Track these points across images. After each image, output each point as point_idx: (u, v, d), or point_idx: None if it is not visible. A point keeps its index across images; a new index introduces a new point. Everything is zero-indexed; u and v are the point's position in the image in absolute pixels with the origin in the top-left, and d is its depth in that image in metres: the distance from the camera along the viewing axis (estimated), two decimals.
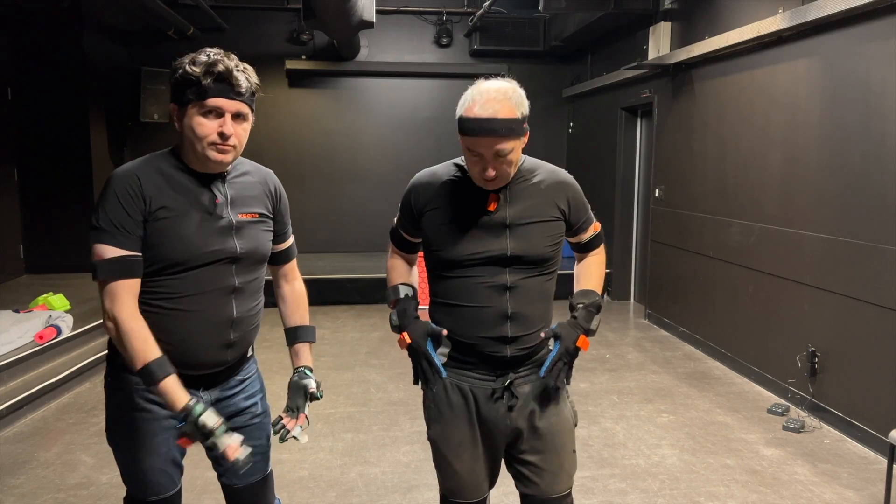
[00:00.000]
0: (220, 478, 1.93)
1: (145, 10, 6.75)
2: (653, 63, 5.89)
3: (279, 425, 1.90)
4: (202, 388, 1.79)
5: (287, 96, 8.60)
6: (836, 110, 3.90)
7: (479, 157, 1.71)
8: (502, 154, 1.70)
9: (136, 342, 1.60)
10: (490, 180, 1.74)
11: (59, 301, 5.37)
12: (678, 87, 5.85)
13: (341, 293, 7.20)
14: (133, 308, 1.62)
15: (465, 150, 1.76)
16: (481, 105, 1.68)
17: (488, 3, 7.04)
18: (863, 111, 3.69)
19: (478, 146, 1.70)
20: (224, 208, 1.74)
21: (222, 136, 1.64)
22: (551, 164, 1.95)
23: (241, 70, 1.67)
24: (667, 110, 6.11)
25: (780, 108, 4.41)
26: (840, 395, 3.90)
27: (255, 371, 1.94)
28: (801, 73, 4.21)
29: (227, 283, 1.74)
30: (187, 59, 1.65)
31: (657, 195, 6.34)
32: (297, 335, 2.01)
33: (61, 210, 7.27)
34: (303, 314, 2.03)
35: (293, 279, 2.04)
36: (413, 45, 8.70)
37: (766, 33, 4.34)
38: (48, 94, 7.23)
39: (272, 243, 1.89)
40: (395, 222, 2.01)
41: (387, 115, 8.81)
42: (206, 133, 1.64)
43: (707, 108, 5.39)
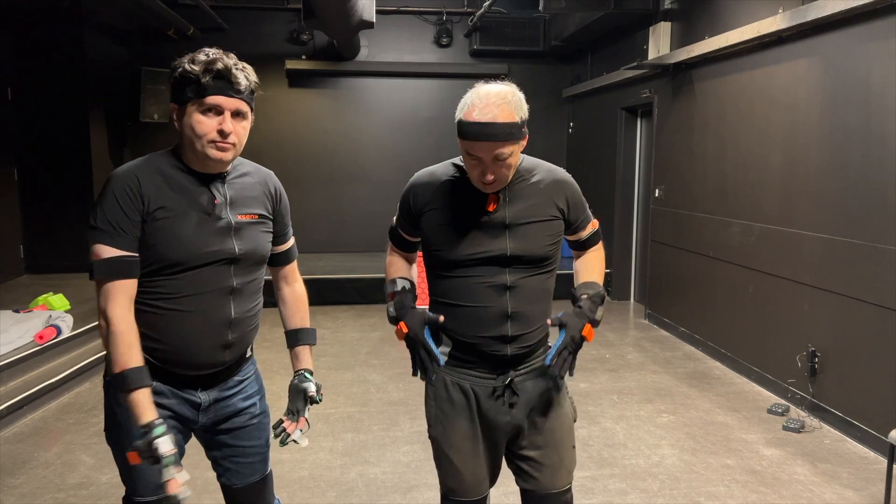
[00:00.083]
0: (219, 478, 1.93)
1: (145, 10, 6.76)
2: (653, 63, 5.89)
3: (280, 429, 1.90)
4: (200, 388, 1.79)
5: (287, 96, 8.60)
6: (836, 110, 3.90)
7: (478, 161, 1.72)
8: (501, 158, 1.70)
9: (121, 346, 1.60)
10: (488, 184, 1.74)
11: (59, 301, 5.37)
12: (678, 87, 5.85)
13: (341, 293, 7.20)
14: (126, 309, 1.62)
15: (464, 154, 1.76)
16: (480, 109, 1.68)
17: (488, 3, 7.03)
18: (863, 111, 3.69)
19: (477, 150, 1.70)
20: (223, 209, 1.74)
21: (222, 133, 1.64)
22: (550, 163, 1.95)
23: (240, 68, 1.67)
24: (667, 110, 6.11)
25: (780, 108, 4.41)
26: (840, 395, 3.90)
27: (253, 372, 1.94)
28: (801, 73, 4.21)
29: (225, 284, 1.74)
30: (186, 58, 1.65)
31: (657, 195, 6.34)
32: (297, 338, 2.01)
33: (61, 210, 7.26)
34: (303, 316, 2.02)
35: (293, 281, 2.03)
36: (413, 45, 8.69)
37: (766, 33, 4.34)
38: (48, 94, 7.23)
39: (272, 245, 1.89)
40: (394, 221, 2.01)
41: (387, 115, 8.81)
42: (206, 131, 1.64)
43: (707, 108, 5.39)
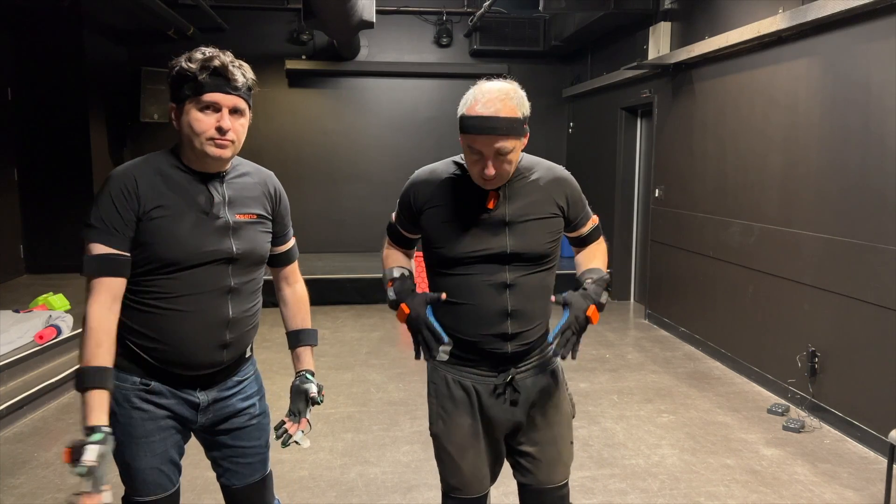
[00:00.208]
0: (219, 478, 1.93)
1: (145, 10, 6.76)
2: (653, 63, 5.89)
3: (281, 430, 1.90)
4: (199, 388, 1.78)
5: (287, 96, 8.60)
6: (836, 110, 3.90)
7: (480, 156, 1.72)
8: (503, 153, 1.70)
9: (90, 343, 1.60)
10: (489, 179, 1.74)
11: (59, 301, 5.37)
12: (678, 87, 5.85)
13: (341, 293, 7.20)
14: (105, 308, 1.62)
15: (465, 149, 1.76)
16: (483, 104, 1.68)
17: (488, 3, 7.03)
18: (863, 111, 3.69)
19: (479, 144, 1.70)
20: (221, 208, 1.73)
21: (220, 130, 1.64)
22: (549, 161, 1.95)
23: (237, 66, 1.67)
24: (667, 110, 6.11)
25: (780, 109, 4.41)
26: (840, 395, 3.90)
27: (252, 372, 1.93)
28: (801, 73, 4.21)
29: (222, 284, 1.74)
30: (183, 56, 1.66)
31: (657, 195, 6.34)
32: (298, 339, 2.00)
33: (61, 210, 7.26)
34: (304, 317, 2.02)
35: (294, 282, 2.03)
36: (413, 45, 8.69)
37: (766, 33, 4.34)
38: (48, 94, 7.24)
39: (272, 245, 1.89)
40: (392, 218, 2.01)
41: (387, 115, 8.81)
42: (204, 128, 1.64)
43: (707, 108, 5.39)
